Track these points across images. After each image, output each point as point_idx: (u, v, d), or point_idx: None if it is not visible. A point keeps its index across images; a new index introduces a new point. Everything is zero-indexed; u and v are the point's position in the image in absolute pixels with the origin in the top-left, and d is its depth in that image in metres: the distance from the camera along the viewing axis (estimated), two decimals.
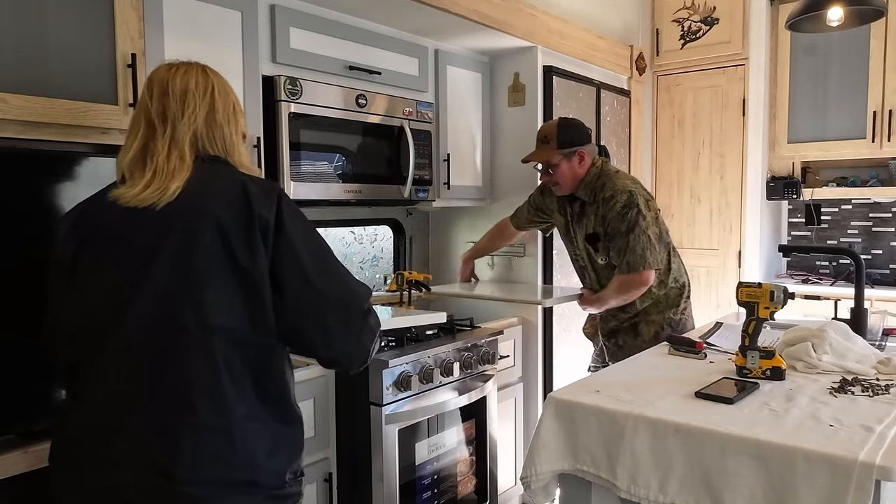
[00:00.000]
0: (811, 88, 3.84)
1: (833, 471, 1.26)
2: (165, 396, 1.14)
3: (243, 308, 1.17)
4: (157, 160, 1.20)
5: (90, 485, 1.16)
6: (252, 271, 1.16)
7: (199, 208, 1.17)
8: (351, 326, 1.26)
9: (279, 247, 1.19)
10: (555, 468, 1.64)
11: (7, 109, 1.47)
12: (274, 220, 1.19)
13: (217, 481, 1.14)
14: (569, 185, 2.45)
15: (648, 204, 2.37)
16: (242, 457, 1.16)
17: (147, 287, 1.14)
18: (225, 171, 1.26)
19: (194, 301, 1.14)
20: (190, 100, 1.24)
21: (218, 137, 1.27)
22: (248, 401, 1.18)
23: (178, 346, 1.14)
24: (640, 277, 2.35)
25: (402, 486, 2.21)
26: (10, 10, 1.49)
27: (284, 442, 1.24)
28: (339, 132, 2.37)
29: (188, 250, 1.15)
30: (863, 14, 2.42)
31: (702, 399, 1.61)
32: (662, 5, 4.08)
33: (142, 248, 1.17)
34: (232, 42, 2.05)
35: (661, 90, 4.15)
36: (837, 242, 4.08)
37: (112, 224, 1.20)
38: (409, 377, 2.18)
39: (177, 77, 1.26)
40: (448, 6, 2.47)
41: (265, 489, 1.19)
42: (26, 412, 1.54)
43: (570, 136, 2.42)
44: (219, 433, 1.14)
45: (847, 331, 1.92)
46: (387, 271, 3.23)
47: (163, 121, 1.23)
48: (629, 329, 2.51)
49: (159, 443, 1.12)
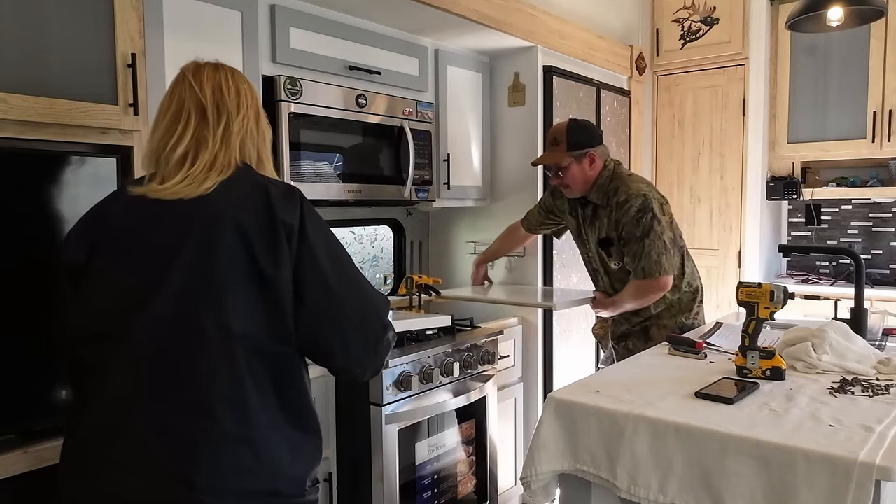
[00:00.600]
0: (811, 88, 3.84)
1: (833, 471, 1.26)
2: (182, 402, 1.11)
3: (263, 315, 1.14)
4: (206, 155, 1.16)
5: (105, 490, 1.12)
6: (273, 277, 1.13)
7: (220, 211, 1.14)
8: (370, 337, 1.24)
9: (302, 254, 1.16)
10: (555, 468, 1.64)
11: (7, 109, 1.47)
12: (298, 226, 1.16)
13: (239, 491, 1.12)
14: (580, 187, 2.40)
15: (663, 208, 2.33)
16: (266, 467, 1.14)
17: (166, 288, 1.11)
18: (245, 174, 1.22)
19: (214, 305, 1.11)
20: (244, 100, 1.22)
21: (260, 144, 1.26)
22: (271, 410, 1.15)
23: (195, 350, 1.11)
24: (658, 283, 2.31)
25: (402, 487, 2.21)
26: (10, 10, 1.49)
27: (303, 450, 1.22)
28: (339, 132, 2.37)
29: (209, 253, 1.12)
30: (863, 14, 2.42)
31: (702, 399, 1.61)
32: (662, 5, 4.08)
33: (160, 249, 1.13)
34: (232, 42, 2.05)
35: (661, 90, 4.15)
36: (837, 242, 4.08)
37: (127, 225, 1.17)
38: (409, 377, 2.18)
39: (229, 76, 1.23)
40: (448, 6, 2.47)
41: (286, 498, 1.18)
42: (26, 412, 1.54)
43: (581, 137, 2.37)
44: (242, 442, 1.12)
45: (847, 331, 1.92)
46: (387, 271, 3.23)
47: (218, 115, 1.19)
48: (640, 333, 2.47)
49: (176, 450, 1.09)
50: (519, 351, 2.93)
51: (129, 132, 1.71)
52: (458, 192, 2.95)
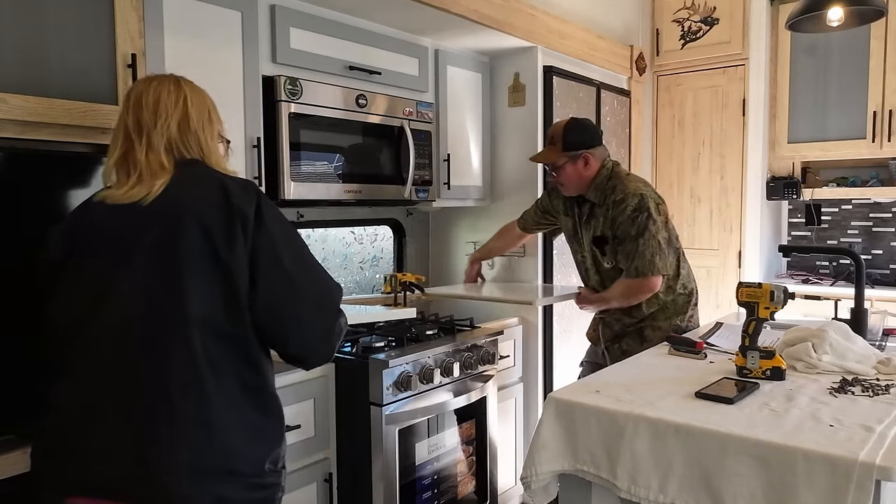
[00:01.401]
0: (811, 88, 3.84)
1: (833, 471, 1.26)
2: (144, 386, 1.18)
3: (220, 299, 1.22)
4: (139, 166, 1.28)
5: (72, 477, 1.20)
6: (231, 264, 1.22)
7: (181, 204, 1.24)
8: (323, 323, 1.33)
9: (258, 241, 1.24)
10: (555, 468, 1.64)
11: (7, 109, 1.47)
12: (254, 216, 1.24)
13: (195, 468, 1.18)
14: (574, 186, 2.42)
15: (659, 208, 2.34)
16: (221, 446, 1.20)
17: (127, 278, 1.21)
18: (203, 171, 1.33)
19: (174, 292, 1.19)
20: (162, 110, 1.32)
21: (193, 142, 1.35)
22: (227, 391, 1.22)
23: (156, 335, 1.19)
24: (648, 283, 2.32)
25: (403, 487, 2.21)
26: (10, 11, 1.49)
27: (263, 432, 1.28)
28: (339, 132, 2.37)
29: (170, 243, 1.21)
30: (863, 14, 2.42)
31: (702, 399, 1.61)
32: (662, 5, 4.08)
33: (125, 243, 1.23)
34: (232, 42, 2.05)
35: (661, 90, 4.15)
36: (837, 242, 4.08)
37: (99, 224, 1.27)
38: (409, 377, 2.18)
39: (150, 90, 1.34)
40: (448, 6, 2.47)
41: (245, 477, 1.23)
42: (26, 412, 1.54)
43: (577, 138, 2.38)
44: (198, 423, 1.19)
45: (847, 331, 1.92)
46: (387, 271, 3.23)
47: (138, 132, 1.31)
48: (635, 334, 2.47)
49: (138, 432, 1.17)
50: (519, 351, 2.93)
51: None
52: (458, 192, 2.95)
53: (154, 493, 1.16)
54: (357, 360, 2.16)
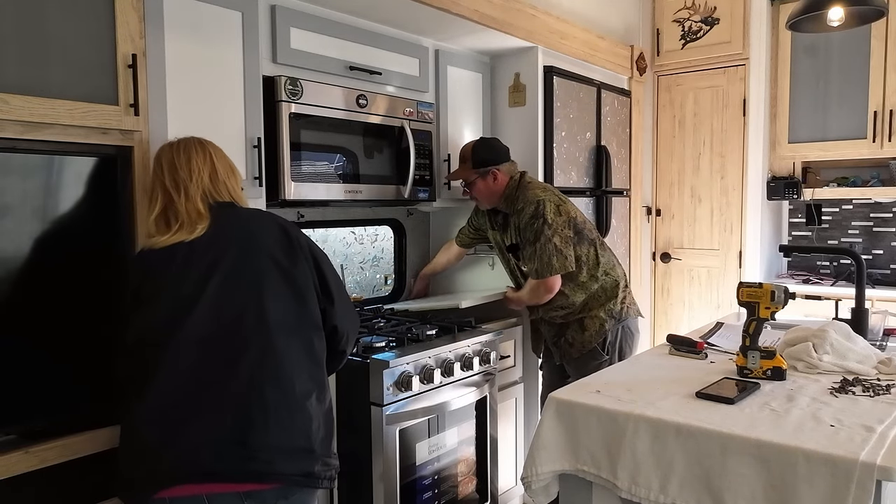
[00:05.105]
0: (812, 88, 3.84)
1: (834, 471, 1.26)
2: (238, 380, 1.41)
3: (292, 307, 1.51)
4: (180, 216, 1.51)
5: (173, 467, 1.36)
6: (297, 278, 1.53)
7: (241, 233, 1.53)
8: (357, 324, 1.74)
9: (320, 266, 1.59)
10: (555, 468, 1.64)
11: (8, 110, 1.47)
12: (307, 244, 1.60)
13: (285, 448, 1.42)
14: (487, 200, 2.64)
15: (559, 209, 2.53)
16: (303, 428, 1.45)
17: (211, 293, 1.44)
18: (245, 209, 1.63)
19: (254, 303, 1.46)
20: (195, 167, 1.57)
21: (223, 189, 1.60)
22: (303, 383, 1.48)
23: (246, 338, 1.44)
24: (547, 283, 2.53)
25: (403, 487, 2.21)
26: (10, 10, 1.49)
27: (325, 417, 1.53)
28: (339, 132, 2.37)
29: (242, 264, 1.49)
30: (863, 14, 2.42)
31: (703, 399, 1.61)
32: (663, 5, 4.08)
33: (201, 268, 1.46)
34: (232, 42, 2.05)
35: (661, 90, 4.15)
36: (838, 242, 4.08)
37: (160, 259, 1.47)
38: (409, 377, 2.18)
39: (180, 153, 1.59)
40: (448, 6, 2.47)
41: (320, 456, 1.48)
42: (27, 412, 1.54)
43: (484, 156, 2.59)
44: (284, 409, 1.43)
45: (848, 331, 1.92)
46: (387, 271, 3.23)
47: (176, 187, 1.54)
48: (576, 324, 2.64)
49: (235, 419, 1.39)
50: (519, 351, 2.93)
51: (129, 132, 1.71)
52: (458, 192, 2.95)
53: (256, 469, 1.38)
54: (358, 360, 2.16)
